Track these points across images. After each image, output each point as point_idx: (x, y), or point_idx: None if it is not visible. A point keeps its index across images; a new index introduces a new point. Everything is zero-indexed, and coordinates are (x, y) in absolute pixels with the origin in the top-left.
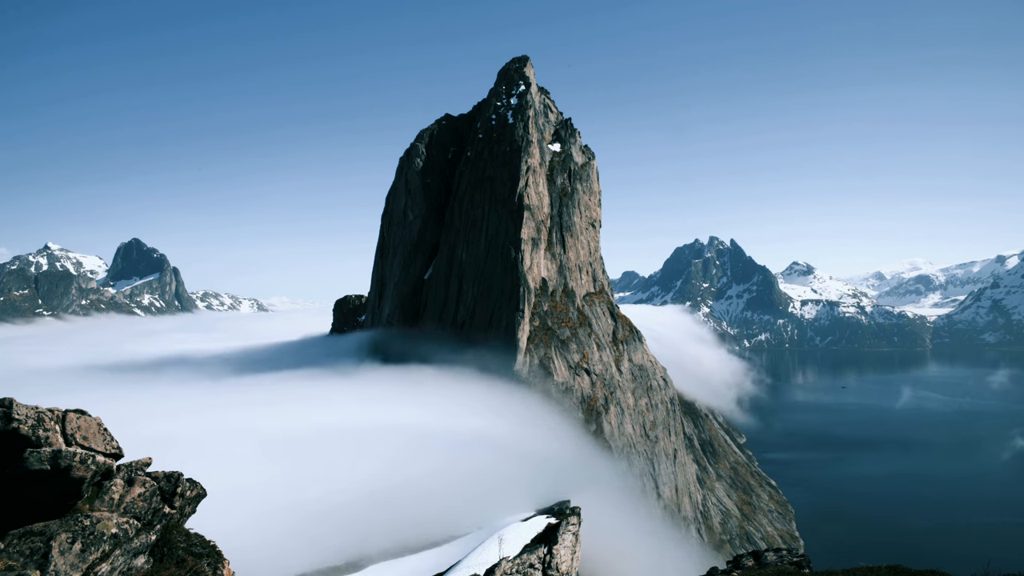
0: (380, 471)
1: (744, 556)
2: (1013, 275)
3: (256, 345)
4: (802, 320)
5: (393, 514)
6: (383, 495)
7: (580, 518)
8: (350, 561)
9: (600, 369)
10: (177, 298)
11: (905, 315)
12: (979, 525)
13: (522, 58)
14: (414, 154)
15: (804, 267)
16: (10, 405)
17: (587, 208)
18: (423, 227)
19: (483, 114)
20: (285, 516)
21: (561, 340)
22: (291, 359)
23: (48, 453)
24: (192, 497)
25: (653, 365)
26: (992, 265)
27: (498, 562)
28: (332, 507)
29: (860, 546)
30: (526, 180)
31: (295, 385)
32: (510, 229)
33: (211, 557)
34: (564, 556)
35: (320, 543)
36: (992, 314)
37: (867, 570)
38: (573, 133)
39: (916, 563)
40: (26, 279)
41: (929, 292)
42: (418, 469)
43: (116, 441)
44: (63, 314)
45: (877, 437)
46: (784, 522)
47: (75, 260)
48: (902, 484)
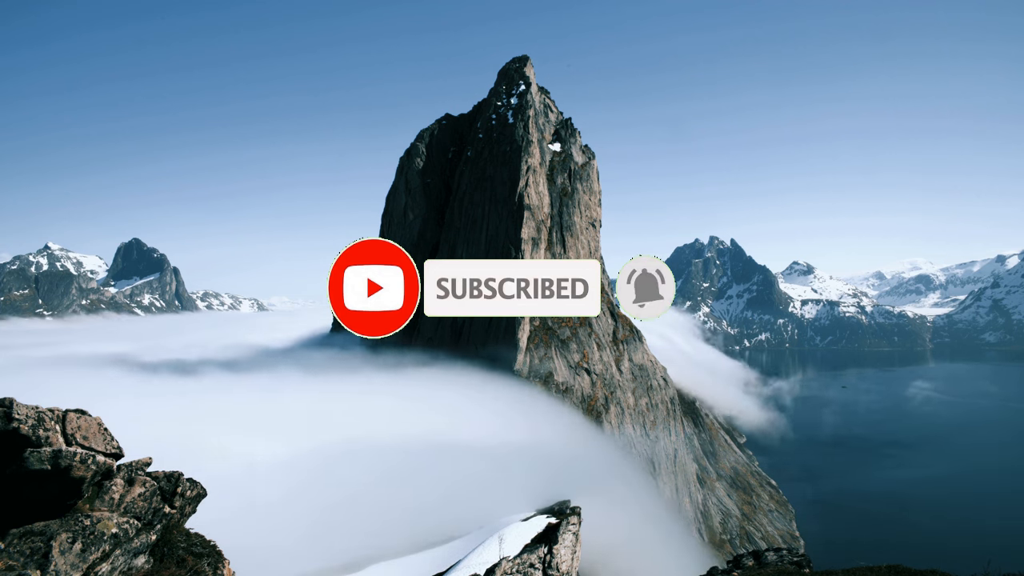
0: (380, 471)
1: (744, 556)
2: (1013, 275)
3: (256, 345)
4: (802, 320)
5: (393, 514)
6: (383, 495)
7: (580, 518)
8: (350, 561)
9: (600, 369)
10: (177, 298)
11: (905, 315)
12: (979, 525)
13: (522, 58)
14: (414, 154)
15: (804, 267)
16: (10, 405)
17: (587, 208)
18: (423, 227)
19: (483, 114)
20: (285, 516)
21: (561, 340)
22: (291, 358)
23: (48, 453)
24: (192, 497)
25: (653, 365)
26: (992, 265)
27: (498, 562)
28: (332, 506)
29: (860, 546)
30: (526, 180)
31: (294, 385)
32: (510, 229)
33: (211, 557)
34: (564, 556)
35: (320, 542)
36: (992, 314)
37: (867, 570)
38: (573, 133)
39: (916, 563)
40: (26, 279)
41: (929, 292)
42: (418, 469)
43: (116, 441)
44: (64, 314)
45: (877, 436)
46: (784, 522)
47: (75, 260)
48: (902, 483)
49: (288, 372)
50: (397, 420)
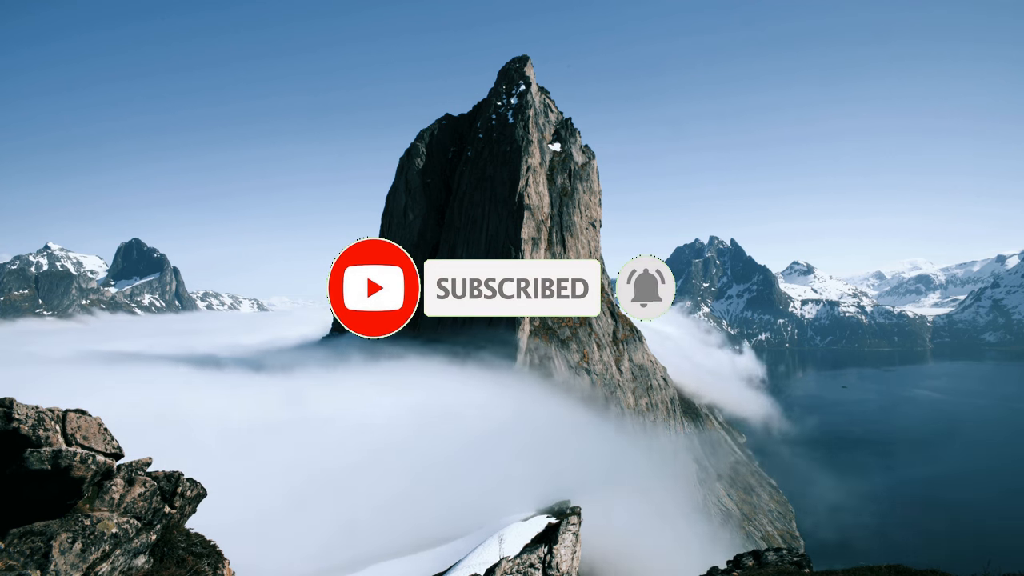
0: (379, 471)
1: (744, 556)
2: (1013, 275)
3: (255, 344)
4: (802, 320)
5: (393, 514)
6: (383, 495)
7: (580, 518)
8: (350, 561)
9: (600, 369)
10: (177, 298)
11: (905, 315)
12: (979, 525)
13: (522, 58)
14: (414, 154)
15: (804, 267)
16: (10, 405)
17: (587, 208)
18: (423, 227)
19: (483, 114)
20: (285, 515)
21: (561, 340)
22: (290, 358)
23: (48, 453)
24: (192, 497)
25: (653, 365)
26: (992, 265)
27: (498, 562)
28: (332, 506)
29: (860, 546)
30: (526, 180)
31: (294, 384)
32: (510, 229)
33: (211, 557)
34: (564, 556)
35: (320, 542)
36: (992, 314)
37: (867, 570)
38: (573, 133)
39: (917, 563)
40: (26, 279)
41: (929, 292)
42: (417, 469)
43: (116, 441)
44: (64, 314)
45: (877, 436)
46: (784, 522)
47: (75, 260)
48: (903, 483)
49: (287, 371)
50: (396, 420)
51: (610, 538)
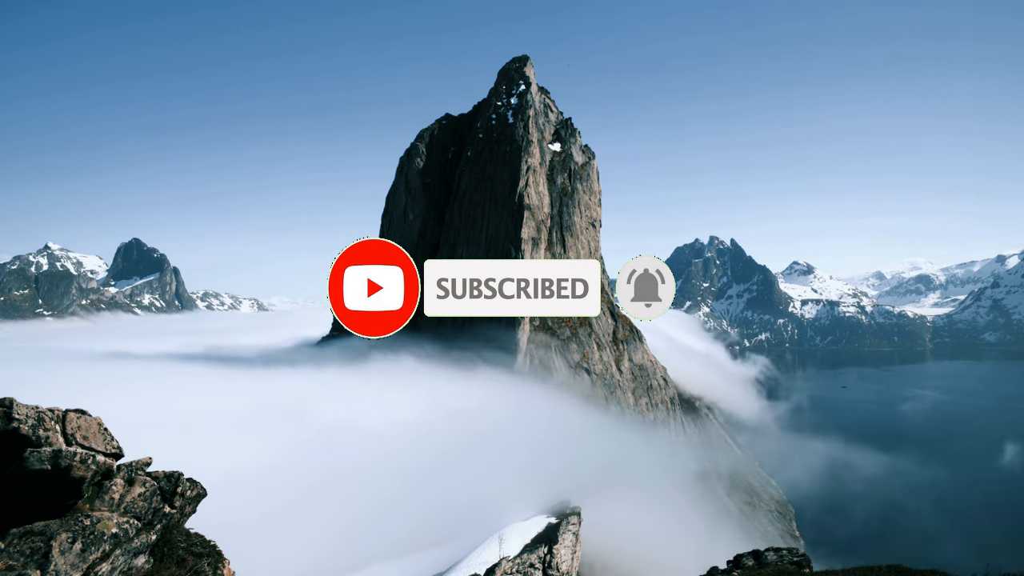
0: (379, 471)
1: (744, 555)
2: (1013, 275)
3: (255, 344)
4: (802, 320)
5: (393, 513)
6: (383, 494)
7: (580, 518)
8: (350, 561)
9: (600, 369)
10: (177, 298)
11: (905, 315)
12: (979, 525)
13: (522, 58)
14: (414, 154)
15: (804, 267)
16: (10, 405)
17: (587, 208)
18: (423, 227)
19: (483, 114)
20: (285, 515)
21: (561, 340)
22: (290, 358)
23: (48, 453)
24: (192, 497)
25: (653, 365)
26: (992, 265)
27: (498, 562)
28: (332, 506)
29: (860, 546)
30: (526, 180)
31: (293, 384)
32: (510, 229)
33: (211, 557)
34: (564, 556)
35: (320, 542)
36: (992, 314)
37: (867, 570)
38: (573, 133)
39: (917, 563)
40: (26, 279)
41: (929, 292)
42: (418, 469)
43: (116, 441)
44: (64, 314)
45: (878, 436)
46: (784, 522)
47: (75, 260)
48: (903, 483)
49: (287, 371)
50: (396, 420)
51: (610, 538)
